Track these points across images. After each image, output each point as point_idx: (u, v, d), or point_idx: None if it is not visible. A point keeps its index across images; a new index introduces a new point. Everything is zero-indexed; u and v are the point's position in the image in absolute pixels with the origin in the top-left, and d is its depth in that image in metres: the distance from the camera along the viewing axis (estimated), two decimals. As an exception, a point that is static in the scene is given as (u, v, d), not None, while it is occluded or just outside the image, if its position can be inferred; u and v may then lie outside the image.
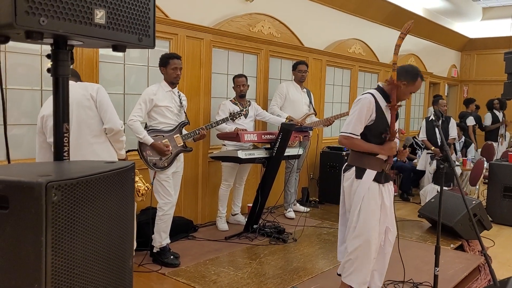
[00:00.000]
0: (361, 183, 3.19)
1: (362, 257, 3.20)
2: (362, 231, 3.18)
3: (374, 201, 3.18)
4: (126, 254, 1.36)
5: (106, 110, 3.30)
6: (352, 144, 3.20)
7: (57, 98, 1.44)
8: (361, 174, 3.19)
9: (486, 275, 4.54)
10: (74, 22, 1.24)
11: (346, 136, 3.17)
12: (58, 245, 1.10)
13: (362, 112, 3.12)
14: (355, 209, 3.21)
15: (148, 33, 1.47)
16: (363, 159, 3.21)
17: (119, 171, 1.31)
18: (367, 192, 3.17)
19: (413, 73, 3.22)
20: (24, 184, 1.08)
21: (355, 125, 3.15)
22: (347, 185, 3.29)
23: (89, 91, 3.29)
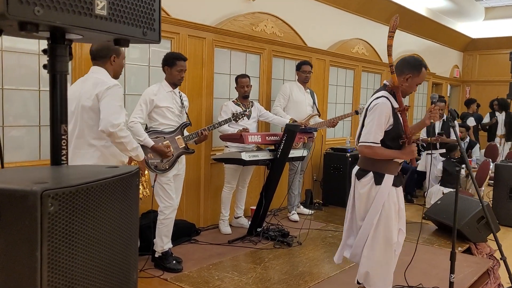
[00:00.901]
0: (380, 189, 3.09)
1: (387, 262, 3.15)
2: (385, 237, 3.11)
3: (394, 206, 3.12)
4: (130, 267, 1.24)
5: (102, 110, 3.02)
6: (375, 154, 3.06)
7: (54, 97, 1.32)
8: (380, 180, 3.09)
9: (496, 279, 4.43)
10: (73, 13, 1.12)
11: (368, 145, 3.04)
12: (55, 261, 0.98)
13: (381, 119, 3.01)
14: (375, 215, 3.11)
15: (153, 26, 1.35)
16: (381, 164, 3.10)
17: (122, 177, 1.19)
18: (387, 198, 3.09)
19: (416, 64, 3.15)
20: (17, 192, 0.96)
21: (376, 134, 3.02)
22: (365, 192, 3.15)
23: (96, 90, 3.03)
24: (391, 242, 3.13)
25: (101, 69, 3.19)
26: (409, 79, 3.12)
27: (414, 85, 3.15)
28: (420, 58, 3.18)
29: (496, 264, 4.66)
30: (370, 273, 3.22)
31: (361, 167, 3.21)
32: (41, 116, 3.89)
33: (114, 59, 3.21)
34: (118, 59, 3.24)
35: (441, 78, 11.38)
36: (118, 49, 3.19)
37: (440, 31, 10.70)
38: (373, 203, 3.12)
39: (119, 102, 3.06)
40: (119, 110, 3.04)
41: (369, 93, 8.48)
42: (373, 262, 3.19)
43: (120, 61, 3.27)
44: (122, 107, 3.09)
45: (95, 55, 3.23)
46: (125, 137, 3.06)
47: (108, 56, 3.19)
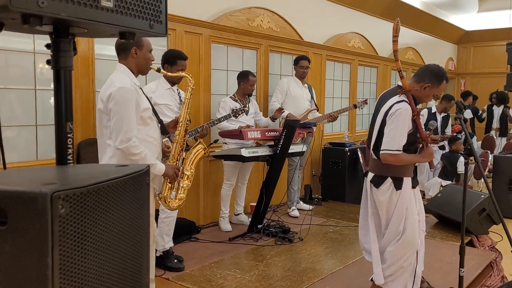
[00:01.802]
0: (401, 194, 3.02)
1: (408, 265, 3.10)
2: (409, 241, 3.05)
3: (415, 209, 3.07)
4: (143, 269, 1.18)
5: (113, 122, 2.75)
6: (399, 160, 2.96)
7: (59, 94, 1.26)
8: (399, 184, 3.01)
9: (499, 271, 4.41)
10: (78, 5, 1.06)
11: (393, 154, 2.93)
12: (67, 266, 0.92)
13: (405, 125, 2.91)
14: (400, 221, 3.04)
15: (160, 18, 1.30)
16: (399, 168, 3.02)
17: (133, 176, 1.13)
18: (409, 202, 3.04)
19: (438, 75, 3.02)
20: (25, 194, 0.90)
21: (400, 140, 2.92)
22: (385, 199, 3.05)
23: (105, 93, 2.78)
24: (416, 246, 3.08)
25: (121, 66, 2.90)
26: (427, 88, 3.02)
27: (430, 95, 3.07)
28: (443, 69, 3.07)
29: (498, 256, 4.65)
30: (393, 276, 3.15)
31: (377, 173, 3.11)
32: (38, 115, 3.82)
33: (135, 52, 2.86)
34: (141, 51, 2.88)
35: (436, 71, 11.34)
36: (140, 40, 2.85)
37: (434, 24, 10.68)
38: (395, 209, 3.04)
39: (127, 110, 2.74)
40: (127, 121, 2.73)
41: (365, 87, 8.45)
42: (398, 267, 3.11)
43: (144, 53, 2.91)
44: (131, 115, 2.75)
45: (117, 50, 2.93)
46: (138, 153, 2.77)
47: (129, 49, 2.86)
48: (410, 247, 3.07)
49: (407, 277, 3.14)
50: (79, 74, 4.00)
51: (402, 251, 3.06)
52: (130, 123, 2.74)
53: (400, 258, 3.07)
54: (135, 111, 2.78)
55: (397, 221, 3.05)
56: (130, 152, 2.76)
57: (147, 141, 2.91)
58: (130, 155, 2.77)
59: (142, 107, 2.83)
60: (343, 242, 4.76)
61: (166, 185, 3.06)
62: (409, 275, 3.13)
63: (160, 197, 3.05)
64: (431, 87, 3.00)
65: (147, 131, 2.92)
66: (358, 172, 6.70)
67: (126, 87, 2.74)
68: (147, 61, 2.96)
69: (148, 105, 2.93)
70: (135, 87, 2.83)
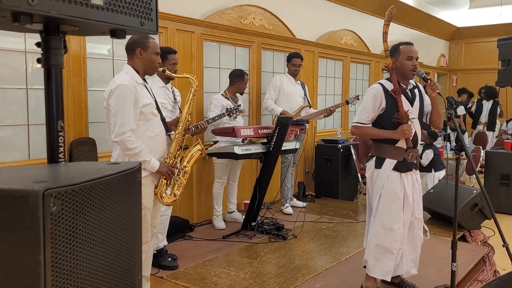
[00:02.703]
0: (380, 172, 3.24)
1: (382, 246, 3.23)
2: (383, 220, 3.21)
3: (394, 190, 3.20)
4: (135, 267, 1.19)
5: (111, 116, 2.88)
6: (363, 133, 3.33)
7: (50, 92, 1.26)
8: (380, 163, 3.24)
9: (492, 266, 4.45)
10: (68, 3, 1.06)
11: (354, 125, 3.30)
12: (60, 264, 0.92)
13: (368, 102, 3.22)
14: (376, 198, 3.27)
15: (151, 16, 1.30)
16: (382, 149, 3.26)
17: (125, 174, 1.13)
18: (386, 181, 3.21)
19: (394, 47, 3.31)
20: (16, 192, 0.90)
21: (361, 114, 3.26)
22: (369, 175, 3.35)
23: (107, 90, 2.91)
24: (392, 227, 3.19)
25: (127, 66, 3.00)
26: (396, 63, 3.24)
27: (404, 63, 3.22)
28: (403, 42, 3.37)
29: (491, 251, 4.68)
30: (368, 259, 3.34)
31: (370, 153, 3.42)
32: (29, 115, 3.80)
33: (140, 53, 2.97)
34: (146, 52, 2.98)
35: (428, 68, 11.41)
36: (145, 42, 2.97)
37: (426, 21, 10.72)
38: (375, 187, 3.28)
39: (124, 105, 2.83)
40: (122, 116, 2.82)
41: (358, 83, 8.48)
42: (370, 248, 3.30)
43: (149, 55, 3.00)
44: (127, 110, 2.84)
45: (126, 50, 3.05)
46: (132, 148, 2.85)
47: (134, 50, 2.97)
48: (384, 226, 3.21)
49: (390, 260, 3.24)
50: (70, 73, 3.99)
51: (377, 229, 3.24)
52: (125, 118, 2.83)
53: (375, 237, 3.26)
54: (132, 107, 2.86)
55: (374, 198, 3.29)
56: (125, 146, 2.85)
57: (148, 136, 3.01)
58: (124, 149, 2.87)
59: (141, 103, 2.92)
60: (337, 239, 4.78)
61: (162, 181, 3.10)
62: (391, 258, 3.24)
63: (156, 192, 3.09)
64: (397, 58, 3.24)
65: (148, 126, 3.01)
66: (351, 169, 6.72)
67: (124, 84, 2.85)
68: (152, 62, 3.05)
69: (150, 101, 3.02)
70: (134, 84, 2.91)
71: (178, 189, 3.20)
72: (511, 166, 6.47)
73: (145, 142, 2.96)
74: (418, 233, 3.36)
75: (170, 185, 3.18)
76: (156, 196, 3.11)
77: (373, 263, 3.31)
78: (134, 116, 2.89)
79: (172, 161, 3.16)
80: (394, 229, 3.20)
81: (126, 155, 2.89)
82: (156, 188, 3.11)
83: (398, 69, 3.22)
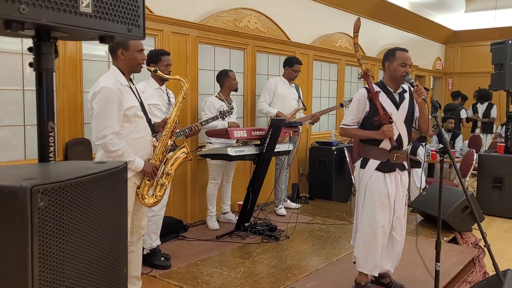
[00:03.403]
0: (364, 172, 3.43)
1: (369, 243, 3.41)
2: (366, 218, 3.40)
3: (377, 190, 3.37)
4: (120, 261, 1.25)
5: (92, 119, 2.91)
6: (348, 134, 3.53)
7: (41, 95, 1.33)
8: (364, 163, 3.43)
9: (481, 267, 4.51)
10: (58, 11, 1.13)
11: (341, 127, 3.51)
12: (46, 256, 0.99)
13: (353, 105, 3.44)
14: (360, 197, 3.46)
15: (138, 22, 1.36)
16: (367, 150, 3.44)
17: (111, 172, 1.20)
18: (369, 180, 3.39)
19: (390, 51, 3.46)
20: (6, 188, 0.97)
21: (347, 117, 3.47)
22: (356, 175, 3.56)
23: (91, 92, 2.93)
24: (375, 225, 3.37)
25: (112, 67, 3.05)
26: (389, 67, 3.39)
27: (398, 68, 3.35)
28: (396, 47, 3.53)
29: (481, 253, 4.74)
30: (357, 255, 3.51)
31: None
32: (26, 115, 3.86)
33: (122, 54, 3.01)
34: (128, 52, 3.01)
35: (424, 71, 11.50)
36: (125, 42, 2.98)
37: (422, 24, 10.80)
38: (360, 185, 3.47)
39: (106, 108, 2.86)
40: (103, 119, 2.85)
41: (353, 86, 8.55)
42: (359, 244, 3.47)
43: (132, 54, 3.02)
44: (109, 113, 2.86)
45: (109, 52, 3.10)
46: (114, 151, 2.88)
47: (115, 51, 3.02)
48: (368, 223, 3.40)
49: (376, 257, 3.41)
50: (66, 74, 4.05)
51: (363, 227, 3.42)
52: (107, 121, 2.86)
53: (362, 234, 3.43)
54: (116, 110, 2.89)
55: (358, 196, 3.49)
56: (107, 149, 2.89)
57: (134, 138, 3.03)
58: (106, 152, 2.91)
59: (125, 106, 2.95)
60: (329, 240, 4.84)
61: (144, 182, 3.13)
62: (376, 255, 3.41)
63: (138, 193, 3.11)
64: (391, 63, 3.38)
65: (133, 128, 3.03)
66: (345, 171, 6.79)
67: (108, 87, 2.87)
68: (135, 61, 3.08)
69: (134, 104, 3.03)
70: (118, 87, 2.93)
71: (160, 190, 3.22)
72: (504, 169, 6.55)
73: (131, 143, 2.99)
74: (397, 232, 3.50)
75: (152, 186, 3.20)
76: (137, 197, 3.12)
77: (361, 259, 3.48)
78: (118, 118, 2.91)
79: (157, 162, 3.19)
80: (377, 227, 3.37)
81: (110, 157, 2.92)
82: (139, 189, 3.13)
83: (391, 73, 3.38)
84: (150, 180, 3.16)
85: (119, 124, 2.92)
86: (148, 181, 3.14)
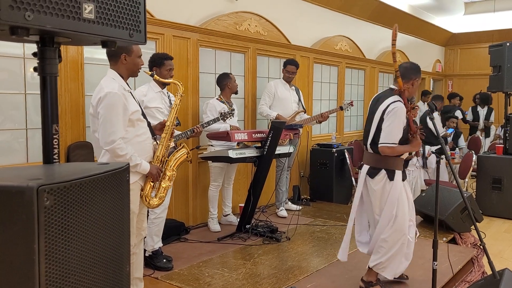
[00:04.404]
0: (393, 184, 3.41)
1: (400, 250, 3.49)
2: (400, 228, 3.45)
3: (405, 198, 3.48)
4: (123, 259, 1.29)
5: (99, 124, 2.94)
6: (394, 152, 3.37)
7: (45, 98, 1.36)
8: (392, 175, 3.41)
9: (480, 267, 4.54)
10: (62, 17, 1.17)
11: (390, 146, 3.33)
12: (52, 253, 1.03)
13: (400, 122, 3.31)
14: (391, 208, 3.42)
15: (139, 28, 1.41)
16: (392, 161, 3.42)
17: (114, 173, 1.24)
18: (401, 192, 3.43)
19: (417, 68, 3.52)
20: (13, 188, 1.01)
21: (396, 135, 3.33)
22: (379, 188, 3.46)
23: (95, 98, 2.96)
24: (405, 232, 3.48)
25: (111, 72, 3.09)
26: (415, 83, 3.46)
27: (417, 87, 3.51)
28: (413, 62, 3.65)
29: (480, 253, 4.77)
30: (383, 261, 3.52)
31: (372, 165, 3.50)
32: (28, 119, 3.91)
33: (125, 58, 3.05)
34: (130, 57, 3.07)
35: (424, 73, 11.52)
36: (129, 47, 3.02)
37: (422, 27, 10.85)
38: (388, 197, 3.43)
39: (113, 113, 2.90)
40: (110, 125, 2.90)
41: (353, 89, 8.59)
42: (388, 252, 3.49)
43: (133, 59, 3.09)
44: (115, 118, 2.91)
45: (108, 56, 3.12)
46: (123, 155, 2.93)
47: (118, 56, 3.05)
48: (401, 232, 3.46)
49: (399, 260, 3.53)
50: (68, 78, 4.09)
51: (396, 236, 3.47)
52: (114, 126, 2.91)
53: (394, 243, 3.46)
54: (122, 115, 2.94)
55: (390, 208, 3.43)
56: (115, 154, 2.94)
57: (137, 141, 3.09)
58: (115, 157, 2.94)
59: (130, 110, 3.00)
60: (329, 241, 4.88)
61: (148, 184, 3.18)
62: (400, 258, 3.52)
63: (141, 194, 3.16)
64: (418, 80, 3.47)
65: (136, 132, 3.09)
66: (346, 173, 6.83)
67: (113, 92, 2.91)
68: (136, 66, 3.15)
69: (137, 108, 3.09)
70: (123, 92, 2.98)
71: (163, 192, 3.28)
72: (503, 170, 6.57)
73: (135, 146, 3.05)
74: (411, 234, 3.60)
75: (155, 188, 3.25)
76: (141, 199, 3.17)
77: (387, 264, 3.51)
78: (123, 123, 2.97)
79: (159, 164, 3.25)
80: (407, 234, 3.49)
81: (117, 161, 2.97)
82: (142, 190, 3.18)
83: (414, 88, 3.48)
84: (154, 182, 3.21)
85: (124, 128, 2.98)
86: (152, 182, 3.19)
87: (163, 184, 3.27)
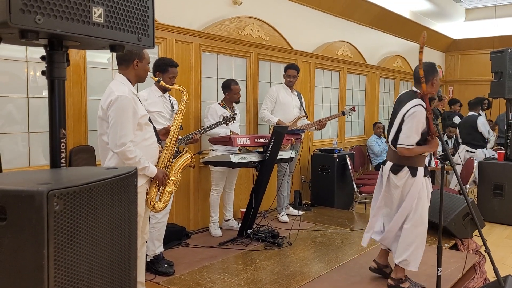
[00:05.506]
0: (416, 180, 3.61)
1: (422, 243, 3.71)
2: (422, 221, 3.68)
3: (427, 193, 3.69)
4: (130, 264, 1.28)
5: (110, 127, 2.96)
6: (412, 153, 3.56)
7: (53, 102, 1.36)
8: (415, 172, 3.61)
9: (482, 273, 4.52)
10: (72, 21, 1.17)
11: (408, 148, 3.53)
12: (61, 258, 1.02)
13: (419, 125, 3.50)
14: (412, 202, 3.63)
15: (148, 32, 1.41)
16: (415, 159, 3.61)
17: (122, 177, 1.23)
18: (422, 187, 3.63)
19: (431, 66, 3.72)
20: (23, 193, 1.00)
21: (414, 138, 3.52)
22: (402, 183, 3.66)
23: (105, 101, 2.98)
24: (426, 225, 3.72)
25: (120, 76, 3.11)
26: (435, 82, 3.64)
27: (437, 84, 3.66)
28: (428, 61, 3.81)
29: (482, 259, 4.75)
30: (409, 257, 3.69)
31: (396, 162, 3.70)
32: (30, 123, 3.90)
33: (137, 63, 3.10)
34: (142, 63, 3.13)
35: (425, 79, 11.53)
36: (141, 53, 3.09)
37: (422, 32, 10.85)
38: (409, 192, 3.63)
39: (123, 116, 2.94)
40: (121, 128, 2.93)
41: (354, 94, 8.59)
42: (414, 246, 3.68)
43: (144, 65, 3.15)
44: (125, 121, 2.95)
45: (119, 60, 3.13)
46: (132, 158, 2.97)
47: (131, 61, 3.08)
48: (422, 225, 3.69)
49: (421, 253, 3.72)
50: (71, 82, 4.08)
51: (417, 229, 3.67)
52: (125, 129, 2.94)
53: (416, 236, 3.68)
54: (132, 118, 2.99)
55: (410, 201, 3.63)
56: (125, 156, 2.97)
57: (144, 145, 3.13)
58: (125, 159, 2.97)
59: (139, 114, 3.04)
60: (331, 246, 4.86)
61: (154, 188, 3.19)
62: (421, 251, 3.73)
63: (147, 198, 3.17)
64: (436, 78, 3.66)
65: (144, 135, 3.13)
66: (347, 178, 6.82)
67: (124, 96, 2.96)
68: (146, 72, 3.21)
69: (144, 112, 3.14)
70: (132, 96, 3.02)
71: (168, 195, 3.30)
72: (504, 176, 6.57)
73: (142, 150, 3.08)
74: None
75: (159, 192, 3.27)
76: (146, 203, 3.18)
77: (412, 258, 3.69)
78: (133, 127, 3.00)
79: (164, 168, 3.28)
80: (427, 225, 3.73)
81: (127, 165, 2.98)
82: (148, 194, 3.19)
83: (434, 88, 3.61)
84: (160, 186, 3.23)
85: (133, 132, 3.01)
86: (157, 186, 3.21)
87: (167, 188, 3.28)
